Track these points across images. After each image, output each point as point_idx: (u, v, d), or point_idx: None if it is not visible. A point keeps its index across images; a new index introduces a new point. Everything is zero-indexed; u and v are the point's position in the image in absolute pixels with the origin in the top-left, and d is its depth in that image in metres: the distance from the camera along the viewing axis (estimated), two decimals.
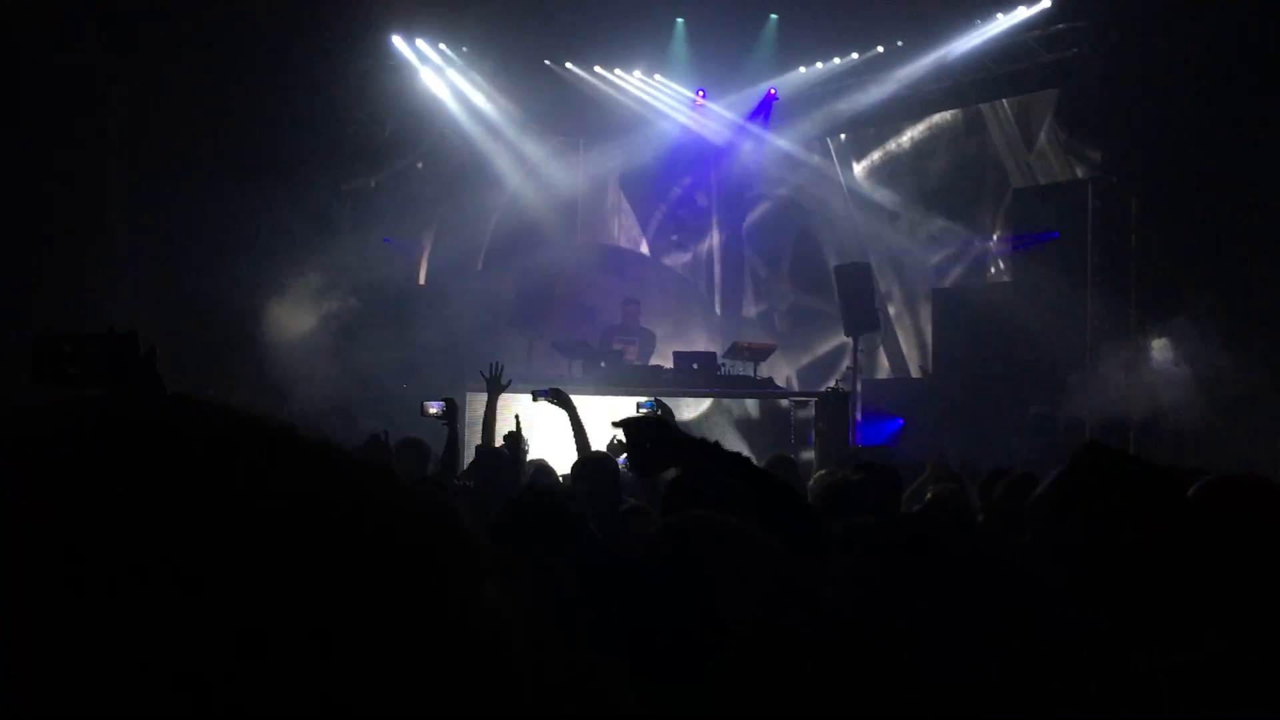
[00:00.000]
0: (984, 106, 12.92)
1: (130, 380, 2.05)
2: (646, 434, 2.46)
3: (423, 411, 6.03)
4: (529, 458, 5.72)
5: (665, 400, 6.71)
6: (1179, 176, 9.72)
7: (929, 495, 4.40)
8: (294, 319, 10.30)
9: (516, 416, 5.31)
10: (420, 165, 13.12)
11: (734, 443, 10.69)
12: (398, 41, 12.53)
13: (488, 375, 6.08)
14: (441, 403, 5.86)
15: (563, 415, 5.58)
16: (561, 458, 5.80)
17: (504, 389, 6.06)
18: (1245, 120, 9.12)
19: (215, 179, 9.82)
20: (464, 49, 12.90)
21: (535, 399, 6.06)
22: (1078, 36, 11.28)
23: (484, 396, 6.23)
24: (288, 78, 10.71)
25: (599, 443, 5.60)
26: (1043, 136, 12.42)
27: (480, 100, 13.23)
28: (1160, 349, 9.65)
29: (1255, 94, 9.06)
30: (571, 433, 5.55)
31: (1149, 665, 1.75)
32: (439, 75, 12.93)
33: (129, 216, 10.01)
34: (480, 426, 6.06)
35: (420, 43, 12.69)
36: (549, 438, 6.70)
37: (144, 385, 2.06)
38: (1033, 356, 10.59)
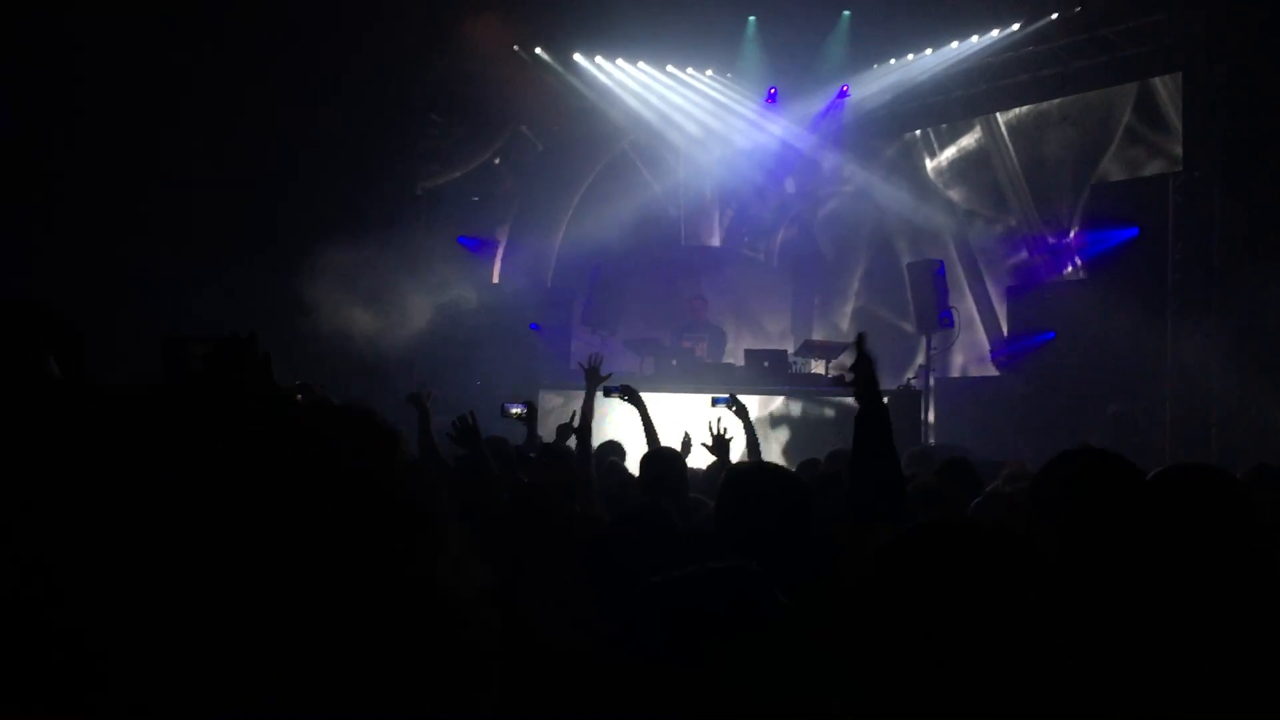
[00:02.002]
0: (1061, 101, 12.72)
1: (247, 380, 2.17)
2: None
3: (503, 412, 6.09)
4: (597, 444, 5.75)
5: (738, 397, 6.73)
6: (1263, 172, 9.49)
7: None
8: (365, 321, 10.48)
9: (574, 411, 5.39)
10: (497, 162, 13.28)
11: (803, 440, 10.68)
12: (473, 41, 12.69)
13: (586, 366, 5.98)
14: (523, 404, 5.94)
15: (631, 413, 5.65)
16: (631, 454, 5.86)
17: (603, 380, 6.03)
18: None
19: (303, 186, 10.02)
20: (535, 49, 13.04)
21: (607, 395, 6.12)
22: (1158, 30, 11.07)
23: (556, 395, 6.34)
24: (365, 72, 10.85)
25: (668, 440, 5.65)
26: (1121, 131, 12.20)
27: (551, 99, 13.35)
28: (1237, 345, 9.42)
29: None
30: (642, 429, 5.61)
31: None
32: (510, 75, 13.06)
33: (224, 217, 10.20)
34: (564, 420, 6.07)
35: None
36: (617, 436, 6.75)
37: (259, 384, 2.18)
38: (1111, 355, 10.41)
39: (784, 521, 2.65)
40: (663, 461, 4.55)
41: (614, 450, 5.88)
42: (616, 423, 7.32)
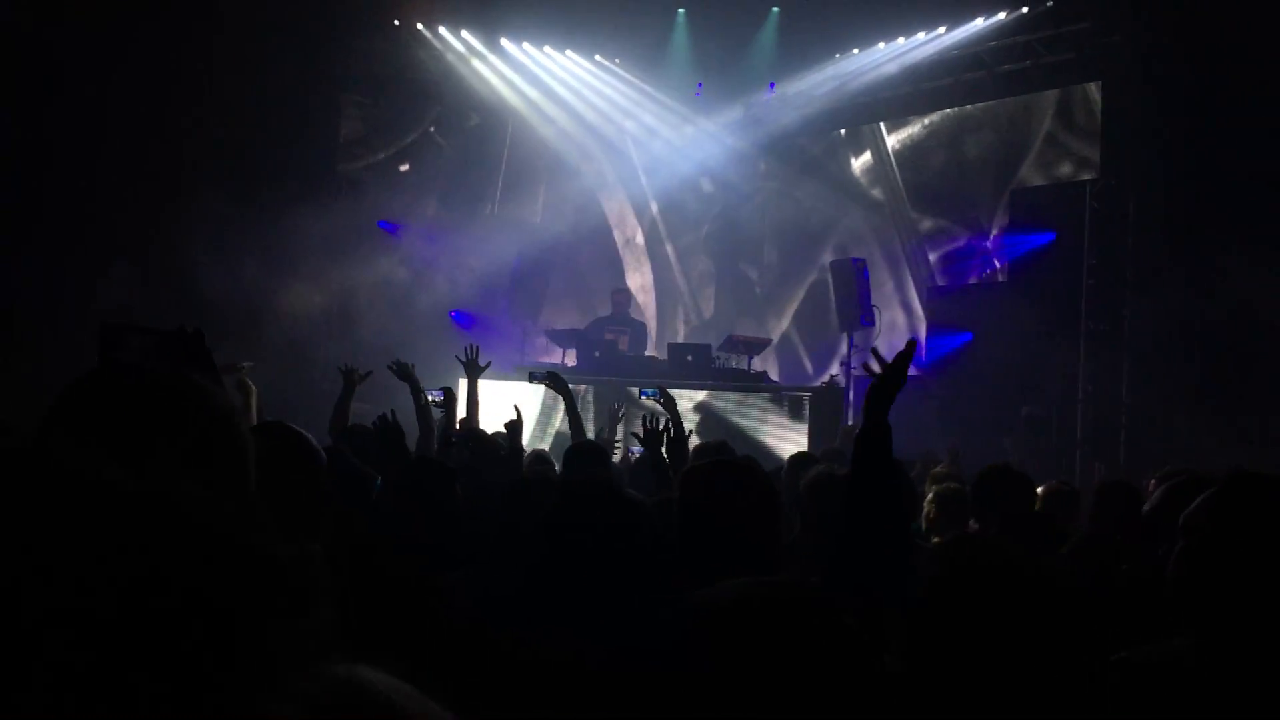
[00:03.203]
0: (983, 106, 12.90)
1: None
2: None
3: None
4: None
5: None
6: (1177, 179, 9.71)
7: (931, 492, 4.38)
8: (290, 304, 10.27)
9: (516, 406, 5.30)
10: (421, 145, 13.07)
11: (726, 435, 10.69)
12: (399, 24, 12.47)
13: (464, 359, 6.06)
14: (440, 391, 5.85)
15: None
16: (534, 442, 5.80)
17: (482, 371, 6.04)
18: (1244, 122, 9.11)
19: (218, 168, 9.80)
20: (462, 32, 12.87)
21: (532, 380, 6.11)
22: (1080, 38, 11.27)
23: (485, 383, 6.25)
24: (288, 55, 10.64)
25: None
26: (1041, 137, 12.41)
27: (481, 83, 13.19)
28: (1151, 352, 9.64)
29: (1254, 97, 9.05)
30: (565, 416, 5.58)
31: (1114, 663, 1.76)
32: (439, 57, 12.87)
33: (122, 204, 9.93)
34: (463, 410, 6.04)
35: (419, 26, 12.64)
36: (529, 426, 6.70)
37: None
38: (1027, 357, 10.58)
39: (757, 521, 2.50)
40: (587, 456, 4.44)
41: (542, 459, 5.79)
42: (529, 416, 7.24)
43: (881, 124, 14.06)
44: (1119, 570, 2.69)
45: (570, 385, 5.95)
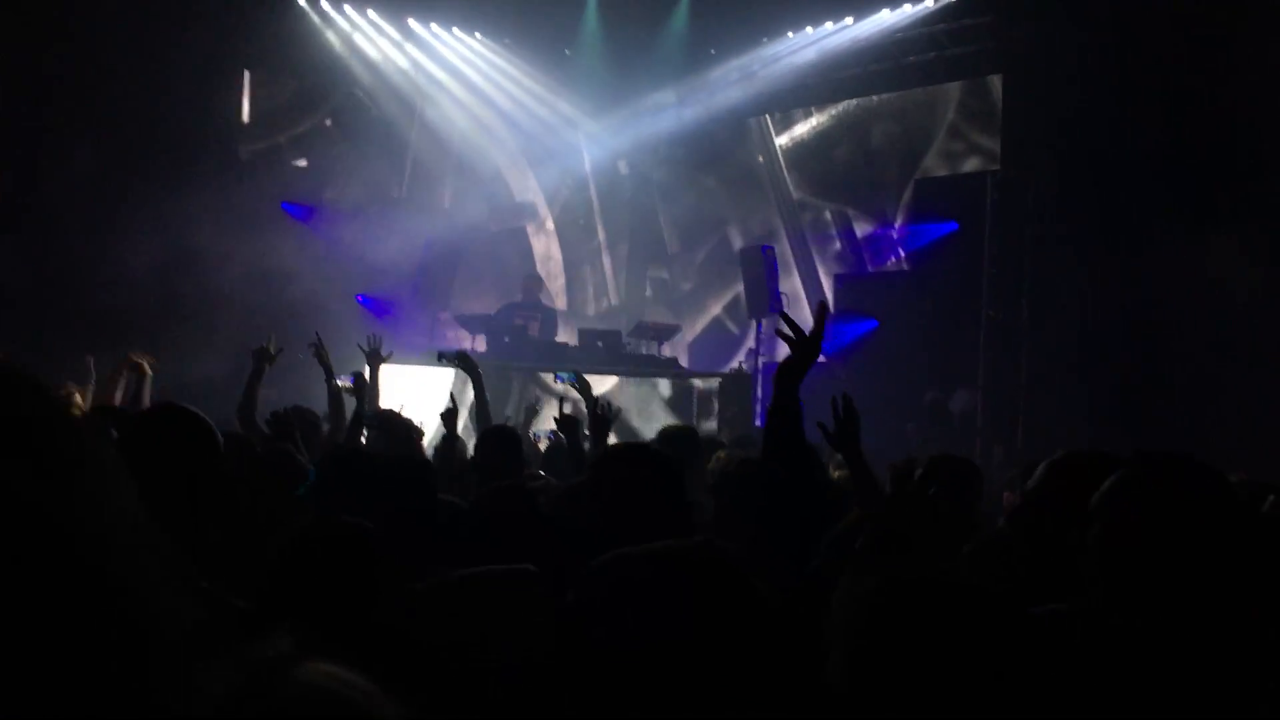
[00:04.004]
0: (888, 97, 13.11)
1: None
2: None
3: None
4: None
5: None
6: (1077, 171, 9.99)
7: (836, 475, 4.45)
8: (186, 284, 10.03)
9: (452, 394, 5.28)
10: (328, 124, 12.84)
11: (637, 418, 10.74)
12: (301, 1, 12.21)
13: (366, 349, 6.00)
14: (351, 376, 5.78)
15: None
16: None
17: (384, 361, 6.01)
18: (1143, 116, 9.40)
19: (104, 140, 9.50)
20: (369, 11, 12.67)
21: (441, 361, 6.09)
22: (982, 31, 11.50)
23: (395, 367, 6.21)
24: (186, 34, 10.37)
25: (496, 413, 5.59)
26: (945, 128, 12.66)
27: (387, 63, 12.99)
28: (1051, 342, 9.92)
29: (1154, 91, 9.34)
30: (474, 398, 5.56)
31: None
32: (343, 35, 12.64)
33: (16, 186, 9.60)
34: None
35: (324, 3, 12.40)
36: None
37: None
38: (930, 344, 10.81)
39: (668, 502, 2.53)
40: (503, 441, 4.40)
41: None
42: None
43: (768, 118, 14.26)
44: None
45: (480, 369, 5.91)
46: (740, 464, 3.44)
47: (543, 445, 6.49)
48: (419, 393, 7.20)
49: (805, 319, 2.92)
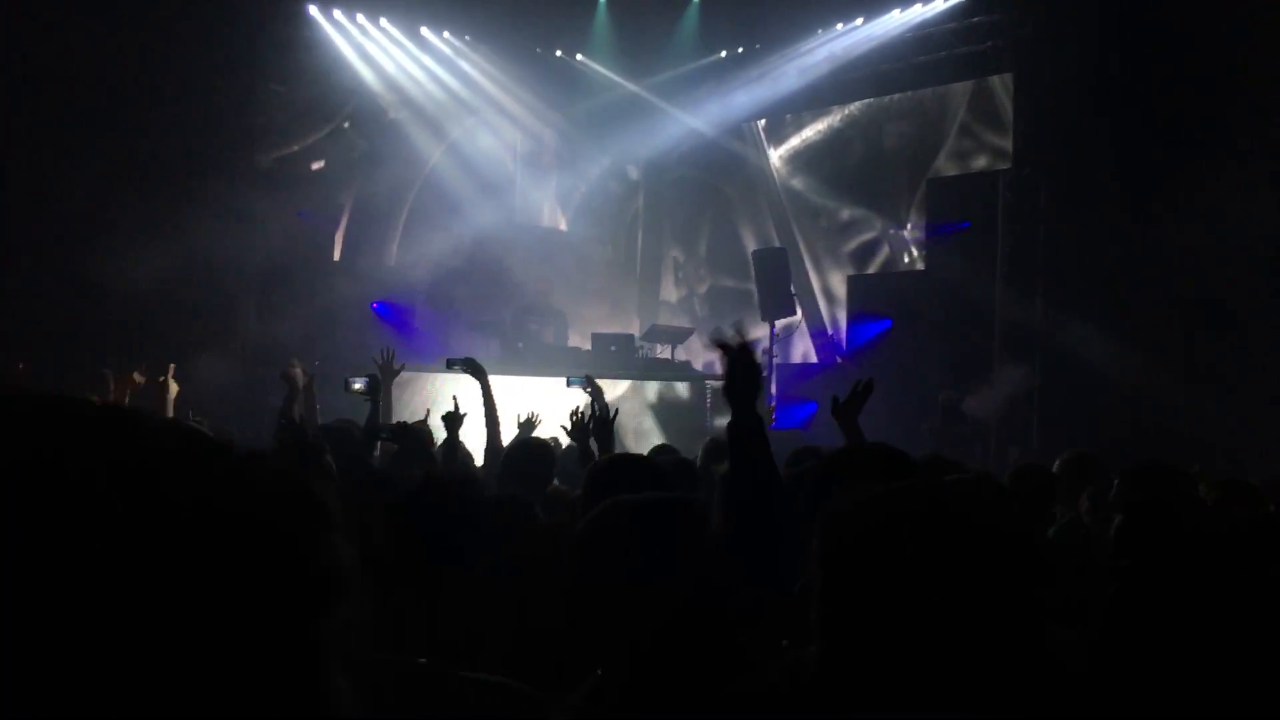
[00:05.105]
0: (899, 96, 13.11)
1: None
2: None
3: (346, 387, 6.01)
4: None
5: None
6: (1089, 170, 9.98)
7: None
8: (202, 294, 10.10)
9: (455, 398, 5.30)
10: (346, 126, 12.90)
11: (652, 422, 10.76)
12: (314, 11, 12.27)
13: (380, 362, 6.09)
14: (366, 379, 5.83)
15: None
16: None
17: (396, 374, 6.12)
18: (1155, 115, 9.39)
19: (122, 156, 9.58)
20: (381, 20, 12.72)
21: (449, 367, 6.15)
22: (992, 30, 11.50)
23: (405, 373, 6.29)
24: (200, 46, 10.44)
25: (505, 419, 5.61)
26: (956, 128, 12.66)
27: (400, 73, 13.05)
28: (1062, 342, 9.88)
29: (1165, 91, 9.33)
30: (482, 404, 5.58)
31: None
32: (356, 45, 12.70)
33: (31, 200, 9.67)
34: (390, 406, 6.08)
35: (337, 13, 12.45)
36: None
37: None
38: (943, 344, 10.80)
39: None
40: (531, 455, 4.34)
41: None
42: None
43: (760, 125, 14.31)
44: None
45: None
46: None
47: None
48: (443, 399, 7.25)
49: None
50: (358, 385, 5.82)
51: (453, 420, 5.07)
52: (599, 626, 1.62)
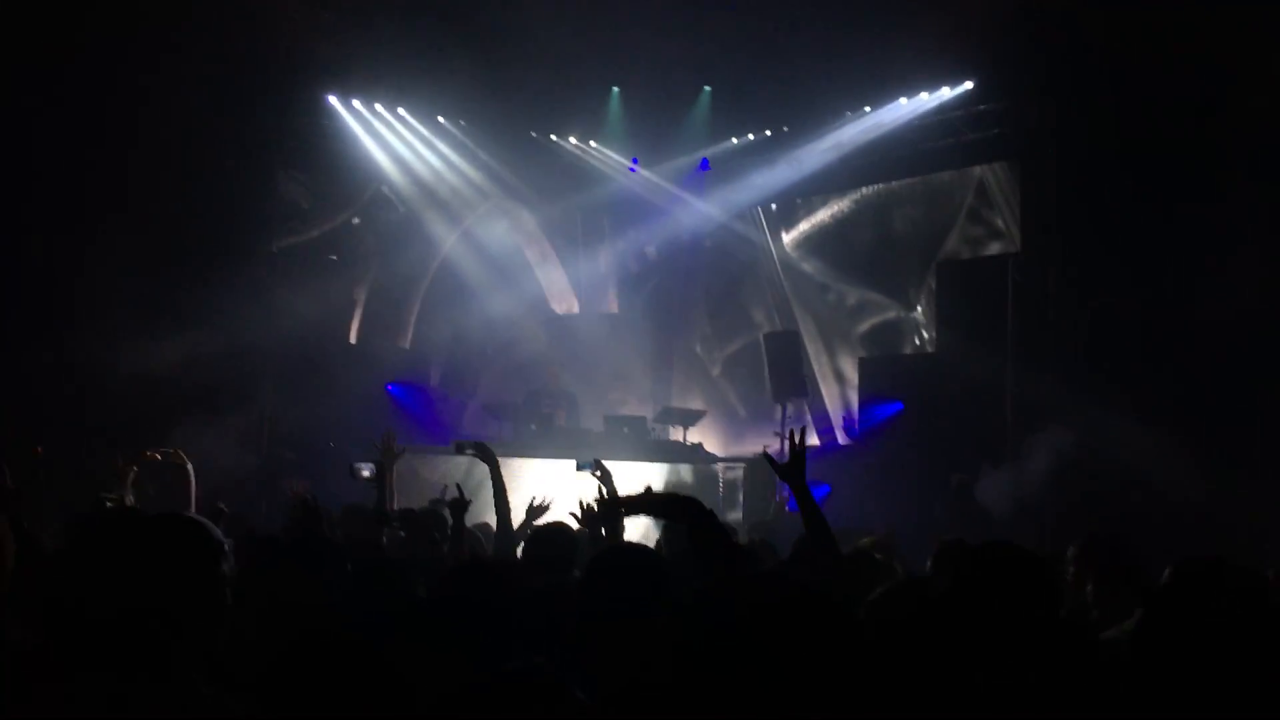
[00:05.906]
0: (908, 181, 13.27)
1: None
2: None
3: (352, 473, 5.94)
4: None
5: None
6: (1098, 254, 10.05)
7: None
8: (219, 377, 10.17)
9: (459, 485, 5.34)
10: (356, 222, 13.12)
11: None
12: (333, 100, 12.53)
13: (380, 445, 5.94)
14: (372, 465, 5.82)
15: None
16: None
17: (398, 457, 5.98)
18: (1163, 198, 9.48)
19: (141, 239, 9.76)
20: (399, 109, 12.98)
21: (460, 450, 6.17)
22: (999, 117, 11.67)
23: (411, 459, 6.30)
24: (220, 132, 10.66)
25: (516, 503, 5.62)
26: (964, 212, 12.78)
27: (417, 160, 13.28)
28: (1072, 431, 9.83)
29: (1172, 173, 9.43)
30: (492, 488, 5.59)
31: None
32: (375, 133, 12.95)
33: (47, 281, 9.81)
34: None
35: (356, 102, 12.72)
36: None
37: None
38: (956, 426, 10.78)
39: (642, 602, 2.60)
40: (551, 542, 4.31)
41: (480, 530, 5.81)
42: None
43: (760, 211, 14.51)
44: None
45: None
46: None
47: None
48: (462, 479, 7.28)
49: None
50: (365, 473, 5.82)
51: (457, 507, 5.10)
52: None
